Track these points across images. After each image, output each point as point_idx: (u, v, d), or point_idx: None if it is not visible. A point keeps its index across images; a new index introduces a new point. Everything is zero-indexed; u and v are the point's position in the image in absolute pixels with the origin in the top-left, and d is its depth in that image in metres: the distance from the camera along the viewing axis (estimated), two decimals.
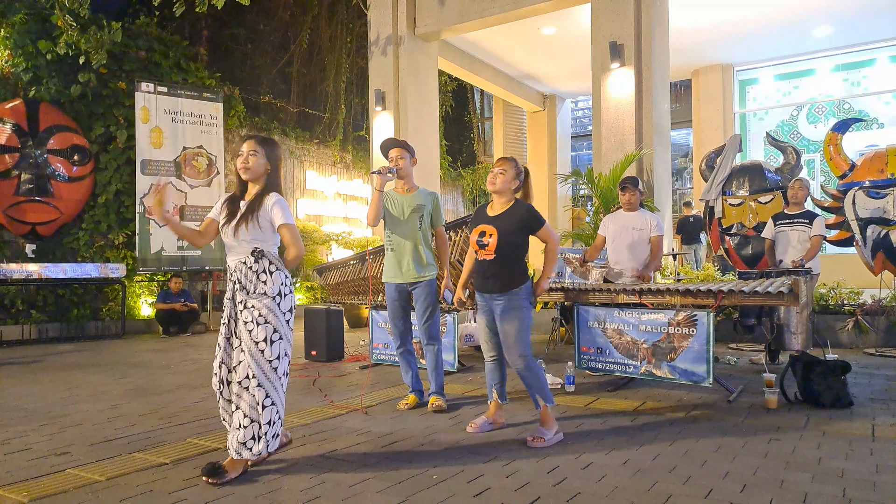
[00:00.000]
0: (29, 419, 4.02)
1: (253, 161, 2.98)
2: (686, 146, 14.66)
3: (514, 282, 3.43)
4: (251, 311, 2.88)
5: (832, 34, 10.60)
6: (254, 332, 2.85)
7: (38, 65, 8.63)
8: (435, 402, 4.06)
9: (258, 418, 2.83)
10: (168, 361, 6.37)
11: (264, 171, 3.01)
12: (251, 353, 2.84)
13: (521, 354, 3.39)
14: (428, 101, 10.50)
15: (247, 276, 2.92)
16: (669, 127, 8.84)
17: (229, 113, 10.42)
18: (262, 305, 2.88)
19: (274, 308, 2.89)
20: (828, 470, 2.85)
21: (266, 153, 3.01)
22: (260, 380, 2.83)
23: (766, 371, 4.57)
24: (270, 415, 2.85)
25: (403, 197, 4.13)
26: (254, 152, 2.99)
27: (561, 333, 6.98)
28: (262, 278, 2.91)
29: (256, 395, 2.83)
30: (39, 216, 8.53)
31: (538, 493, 2.62)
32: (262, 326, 2.86)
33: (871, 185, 6.32)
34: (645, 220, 5.10)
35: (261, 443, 2.84)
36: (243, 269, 2.93)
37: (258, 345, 2.84)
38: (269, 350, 2.85)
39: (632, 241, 5.08)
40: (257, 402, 2.83)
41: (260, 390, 2.83)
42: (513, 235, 3.43)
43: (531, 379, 3.42)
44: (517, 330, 3.39)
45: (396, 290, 4.13)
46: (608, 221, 5.32)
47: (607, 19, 8.26)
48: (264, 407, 2.83)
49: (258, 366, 2.83)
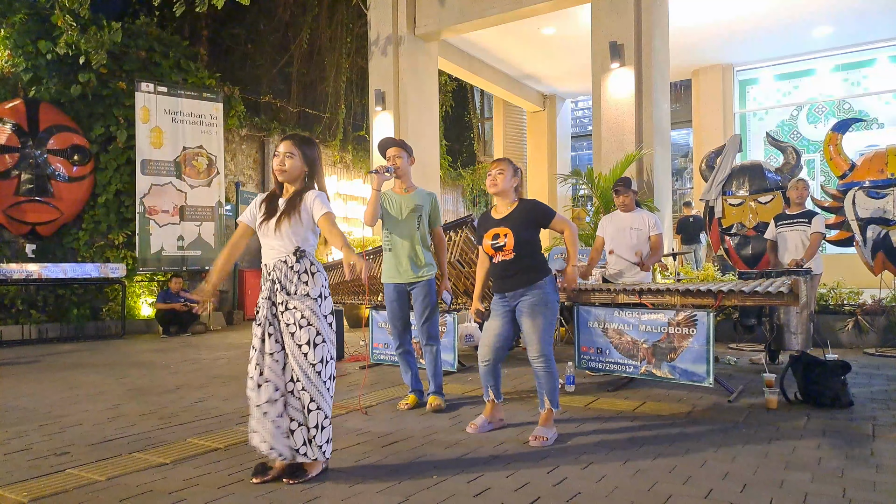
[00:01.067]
0: (29, 419, 4.01)
1: (290, 163, 2.90)
2: (686, 146, 14.65)
3: (537, 275, 3.44)
4: (293, 313, 2.80)
5: (832, 34, 10.60)
6: (297, 335, 2.78)
7: (38, 65, 8.63)
8: (434, 402, 4.06)
9: (305, 422, 2.77)
10: (168, 361, 6.37)
11: (301, 173, 2.93)
12: (294, 357, 2.78)
13: (545, 352, 3.39)
14: (428, 101, 10.49)
15: (287, 276, 2.84)
16: (669, 127, 8.84)
17: (229, 113, 10.42)
18: (304, 307, 2.80)
19: (316, 310, 2.82)
20: (828, 470, 2.85)
21: (303, 154, 2.93)
22: (304, 384, 2.77)
23: (766, 371, 4.57)
24: (318, 419, 2.77)
25: (402, 197, 4.12)
26: (290, 154, 2.90)
27: (561, 333, 6.98)
28: (304, 279, 2.84)
29: (302, 399, 2.77)
30: (39, 216, 8.53)
31: (538, 493, 2.62)
32: (304, 329, 2.78)
33: (871, 185, 6.32)
34: (643, 219, 5.15)
35: (313, 447, 2.78)
36: (283, 268, 2.85)
37: (301, 348, 2.78)
38: (312, 353, 2.78)
39: (631, 242, 5.13)
40: (303, 405, 2.77)
41: (305, 394, 2.77)
42: (526, 232, 3.43)
43: (546, 378, 3.42)
44: (542, 326, 3.39)
45: (395, 291, 4.12)
46: (606, 223, 5.35)
47: (607, 19, 8.26)
48: (310, 411, 2.77)
49: (301, 370, 2.77)
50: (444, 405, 4.07)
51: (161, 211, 9.20)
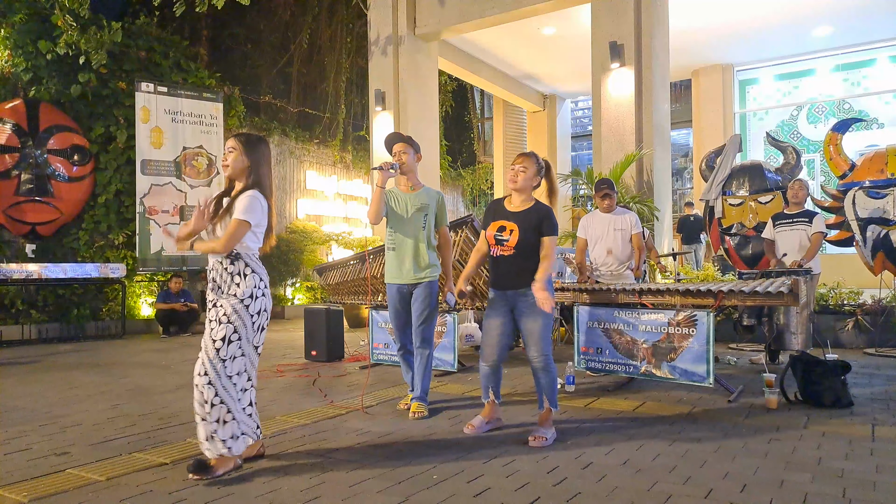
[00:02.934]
0: (29, 419, 4.01)
1: (231, 158, 2.95)
2: (686, 146, 14.65)
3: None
4: (217, 311, 2.87)
5: (832, 34, 10.60)
6: (214, 331, 2.84)
7: (38, 65, 8.63)
8: (416, 409, 3.95)
9: (206, 416, 2.81)
10: (168, 361, 6.37)
11: (244, 169, 2.96)
12: (206, 350, 2.83)
13: (544, 353, 3.39)
14: (428, 101, 10.50)
15: (222, 277, 2.92)
16: (669, 127, 8.85)
17: (229, 113, 10.42)
18: (228, 306, 2.86)
19: (241, 310, 2.86)
20: (828, 470, 2.85)
21: (245, 150, 2.95)
22: (211, 378, 2.81)
23: (766, 371, 4.57)
24: (219, 413, 2.81)
25: (407, 195, 4.04)
26: (231, 149, 2.96)
27: (561, 333, 6.98)
28: (237, 280, 2.90)
29: (205, 393, 2.81)
30: (39, 216, 8.52)
31: (538, 493, 2.62)
32: (223, 325, 2.83)
33: (871, 185, 6.32)
34: (625, 219, 5.27)
35: (216, 443, 2.81)
36: (219, 268, 2.93)
37: (214, 343, 2.82)
38: (224, 349, 2.82)
39: (615, 242, 5.24)
40: (205, 399, 2.80)
41: (209, 388, 2.80)
42: (531, 234, 3.40)
43: (546, 379, 3.42)
44: (542, 327, 3.38)
45: (398, 292, 4.05)
46: (587, 224, 5.42)
47: (607, 19, 8.26)
48: (213, 405, 2.80)
49: (211, 363, 2.81)
50: (427, 413, 3.94)
51: (161, 211, 9.20)
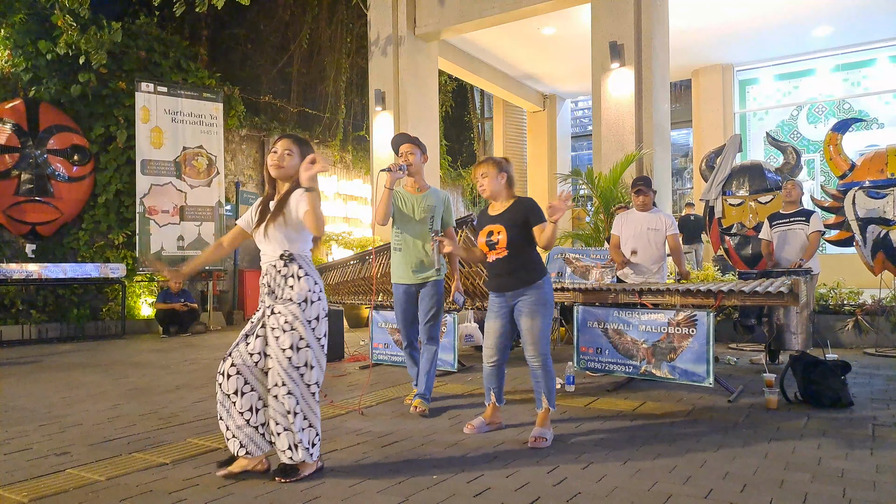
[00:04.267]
0: (29, 419, 4.01)
1: (288, 161, 2.90)
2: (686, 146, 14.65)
3: (534, 275, 3.42)
4: (277, 318, 2.81)
5: (832, 34, 10.60)
6: (280, 339, 2.78)
7: (38, 65, 8.63)
8: (419, 405, 3.97)
9: (290, 426, 2.77)
10: (168, 361, 6.37)
11: (296, 173, 2.91)
12: (279, 361, 2.78)
13: (542, 352, 3.39)
14: (428, 101, 10.50)
15: (275, 280, 2.85)
16: (669, 127, 8.84)
17: (229, 113, 10.42)
18: (287, 312, 2.80)
19: (299, 315, 2.80)
20: (828, 470, 2.85)
21: (301, 153, 2.93)
22: (290, 388, 2.77)
23: (766, 371, 4.57)
24: (301, 423, 2.78)
25: (414, 196, 4.04)
26: (289, 152, 2.91)
27: (561, 333, 6.98)
28: (290, 283, 2.83)
29: (286, 404, 2.76)
30: (39, 216, 8.52)
31: (538, 493, 2.62)
32: (287, 333, 2.78)
33: (871, 185, 6.32)
34: (660, 219, 5.14)
35: (299, 451, 2.78)
36: (273, 272, 2.87)
37: (284, 352, 2.77)
38: (296, 357, 2.78)
39: (648, 242, 5.12)
40: (287, 410, 2.76)
41: (290, 398, 2.76)
42: (520, 229, 3.40)
43: (544, 378, 3.42)
44: (541, 326, 3.38)
45: (405, 293, 4.05)
46: (621, 222, 5.32)
47: (607, 19, 8.26)
48: (295, 414, 2.77)
49: (287, 374, 2.77)
50: (427, 411, 3.96)
51: (161, 211, 9.20)
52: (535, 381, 3.47)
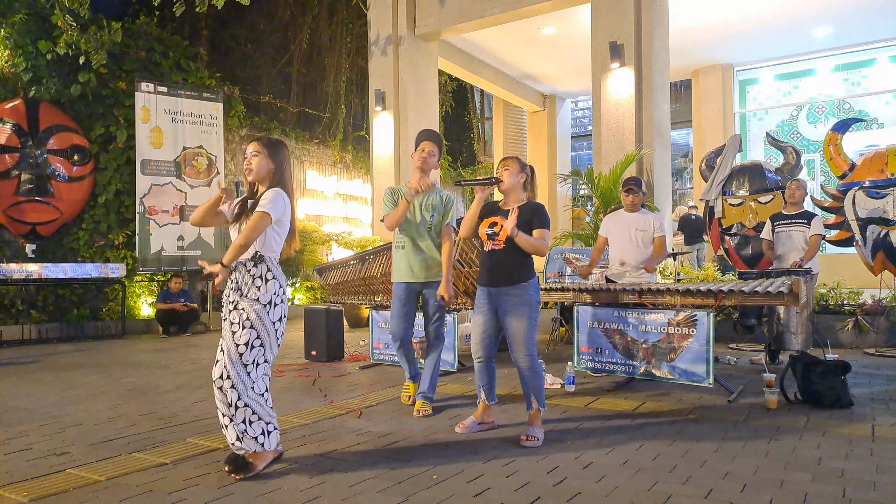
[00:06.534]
0: (29, 419, 4.01)
1: (255, 162, 2.99)
2: (686, 146, 14.66)
3: (523, 274, 3.43)
4: (240, 313, 2.88)
5: (832, 34, 10.60)
6: (237, 335, 2.86)
7: (38, 65, 8.62)
8: (421, 407, 3.98)
9: (233, 417, 2.85)
10: (168, 361, 6.37)
11: (268, 172, 3.01)
12: (229, 354, 2.85)
13: (528, 353, 3.39)
14: (428, 101, 10.50)
15: (243, 278, 2.94)
16: (669, 127, 8.84)
17: (229, 113, 10.42)
18: (251, 310, 2.88)
19: (263, 315, 2.89)
20: (828, 470, 2.85)
21: (269, 153, 3.01)
22: (234, 381, 2.83)
23: (766, 371, 4.57)
24: (245, 415, 2.85)
25: (418, 196, 4.06)
26: (256, 153, 3.00)
27: (561, 333, 6.98)
28: (258, 283, 2.92)
29: (229, 396, 2.84)
30: (39, 216, 8.52)
31: (538, 493, 2.62)
32: (246, 330, 2.86)
33: (871, 185, 6.32)
34: (647, 220, 5.13)
35: (247, 441, 2.86)
36: (242, 270, 2.95)
37: (238, 347, 2.84)
38: (248, 354, 2.85)
39: (635, 242, 5.11)
40: (230, 402, 2.84)
41: (233, 391, 2.83)
42: (523, 228, 3.42)
43: (532, 379, 3.42)
44: (526, 327, 3.39)
45: (406, 291, 4.07)
46: (609, 223, 5.32)
47: (607, 19, 8.26)
48: (237, 408, 2.83)
49: (234, 367, 2.84)
50: (431, 412, 3.98)
51: (161, 211, 9.20)
52: (523, 382, 3.48)
